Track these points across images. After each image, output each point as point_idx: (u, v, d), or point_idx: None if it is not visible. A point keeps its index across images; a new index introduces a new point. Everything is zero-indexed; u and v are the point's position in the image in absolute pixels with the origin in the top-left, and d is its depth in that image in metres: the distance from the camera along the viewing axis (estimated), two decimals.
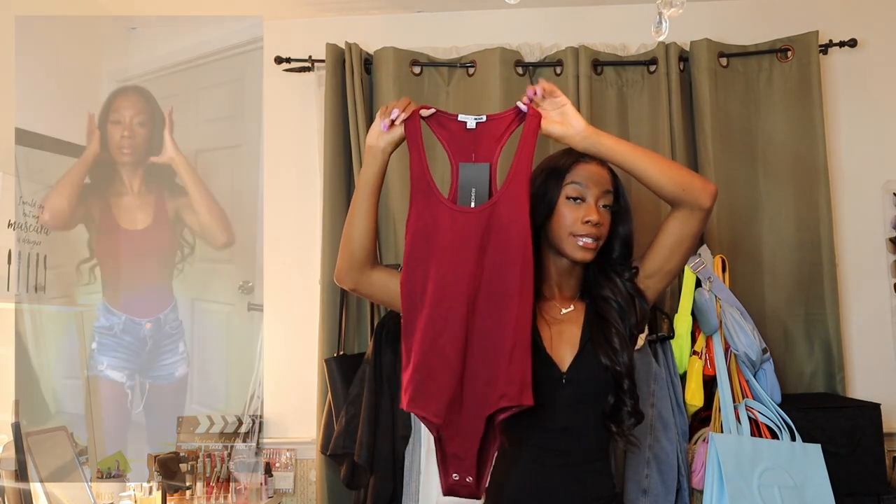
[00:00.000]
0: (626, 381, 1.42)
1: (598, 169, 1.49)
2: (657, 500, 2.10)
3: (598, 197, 1.46)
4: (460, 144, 1.42)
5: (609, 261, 1.50)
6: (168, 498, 2.38)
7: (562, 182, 1.47)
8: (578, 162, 1.48)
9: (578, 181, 1.46)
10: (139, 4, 2.65)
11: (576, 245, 1.44)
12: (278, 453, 2.66)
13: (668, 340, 2.23)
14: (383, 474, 2.17)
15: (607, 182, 1.49)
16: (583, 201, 1.45)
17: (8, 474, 1.96)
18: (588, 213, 1.44)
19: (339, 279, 1.49)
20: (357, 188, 1.48)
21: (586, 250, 1.44)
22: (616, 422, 1.43)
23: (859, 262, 2.62)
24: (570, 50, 2.59)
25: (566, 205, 1.46)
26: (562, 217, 1.45)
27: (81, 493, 2.22)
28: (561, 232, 1.46)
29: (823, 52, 2.61)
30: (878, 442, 2.17)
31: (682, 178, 1.42)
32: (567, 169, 1.48)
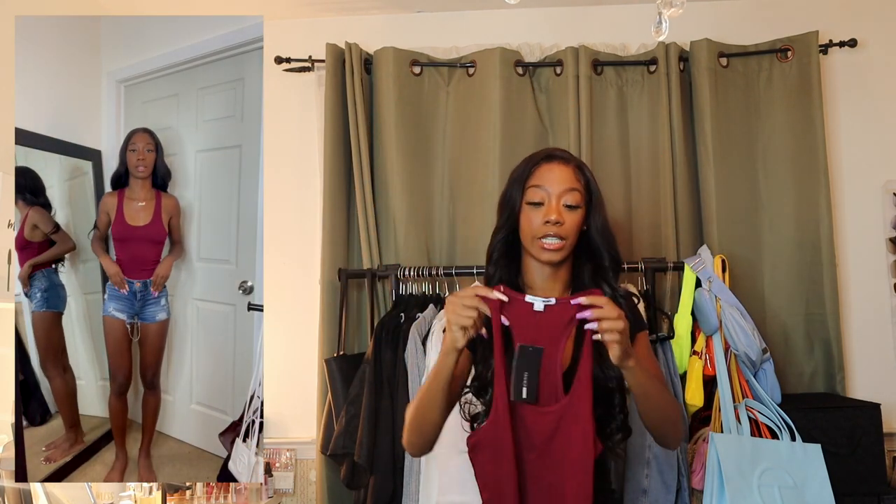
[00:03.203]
0: (616, 396, 1.41)
1: (559, 167, 1.45)
2: (657, 500, 2.10)
3: (560, 195, 1.42)
4: (524, 325, 1.35)
5: (601, 269, 1.49)
6: (168, 498, 2.38)
7: (523, 187, 1.46)
8: (539, 164, 1.46)
9: (538, 184, 1.44)
10: (139, 4, 2.65)
11: (541, 248, 1.42)
12: (278, 453, 2.66)
13: (668, 340, 2.23)
14: (383, 474, 2.17)
15: (570, 179, 1.44)
16: (543, 205, 1.43)
17: (8, 474, 1.96)
18: (548, 213, 1.41)
19: (413, 454, 1.56)
20: (432, 380, 1.40)
21: (551, 251, 1.42)
22: (603, 437, 1.40)
23: (859, 262, 2.62)
24: (570, 50, 2.59)
25: (528, 210, 1.44)
26: (527, 222, 1.44)
27: (81, 493, 2.22)
28: (527, 237, 1.45)
29: (823, 52, 2.61)
30: (878, 442, 2.18)
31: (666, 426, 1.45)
32: (528, 174, 1.46)
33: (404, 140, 2.59)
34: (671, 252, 2.51)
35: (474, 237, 2.56)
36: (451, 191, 2.64)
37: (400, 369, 2.20)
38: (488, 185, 2.53)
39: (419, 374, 2.17)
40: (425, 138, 2.66)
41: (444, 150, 2.67)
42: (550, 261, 1.43)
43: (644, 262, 2.36)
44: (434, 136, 2.67)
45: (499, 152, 2.54)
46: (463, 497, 1.95)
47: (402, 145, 2.59)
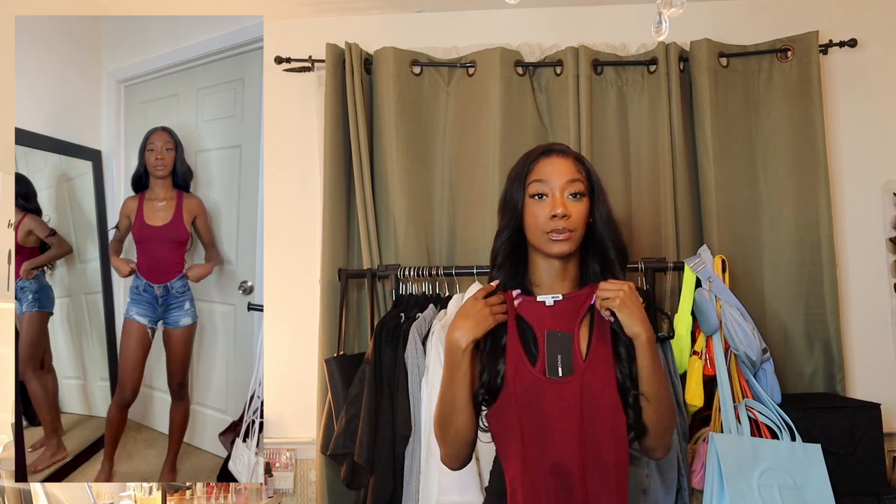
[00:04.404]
0: (631, 393, 1.40)
1: (559, 160, 1.45)
2: (657, 500, 2.10)
3: (563, 187, 1.42)
4: (542, 318, 1.44)
5: (608, 263, 1.48)
6: (168, 498, 2.38)
7: (525, 183, 1.45)
8: (538, 160, 1.46)
9: (539, 178, 1.43)
10: (139, 4, 2.65)
11: (549, 241, 1.41)
12: (278, 453, 2.66)
13: (668, 340, 2.23)
14: (383, 474, 2.17)
15: (571, 171, 1.44)
16: (547, 197, 1.42)
17: (8, 474, 1.96)
18: (553, 206, 1.40)
19: (451, 467, 1.50)
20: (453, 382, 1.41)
21: (561, 242, 1.41)
22: None
23: (859, 262, 2.62)
24: (570, 50, 2.59)
25: (532, 204, 1.43)
26: (532, 217, 1.43)
27: (81, 493, 2.22)
28: (534, 232, 1.43)
29: (823, 52, 2.61)
30: (878, 442, 2.17)
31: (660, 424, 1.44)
32: (528, 169, 1.45)
33: (404, 140, 2.59)
34: (671, 252, 2.51)
35: (474, 237, 2.56)
36: (451, 191, 2.64)
37: (400, 369, 2.20)
38: (488, 185, 2.54)
39: (419, 374, 2.17)
40: (425, 138, 2.66)
41: (444, 150, 2.67)
42: (561, 252, 1.42)
43: (644, 262, 2.35)
44: (434, 136, 2.67)
45: (499, 152, 2.54)
46: (463, 497, 1.95)
47: (402, 145, 2.59)
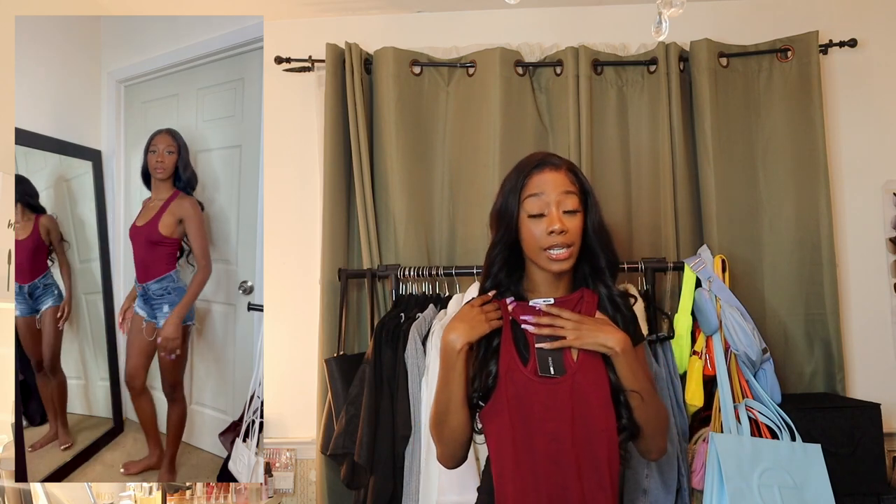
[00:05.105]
0: (623, 394, 1.42)
1: (552, 174, 1.46)
2: (657, 500, 2.10)
3: (558, 202, 1.44)
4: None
5: (597, 270, 1.50)
6: (168, 498, 2.38)
7: (519, 198, 1.46)
8: (531, 174, 1.47)
9: (535, 192, 1.45)
10: (139, 4, 2.65)
11: (548, 259, 1.44)
12: (278, 453, 2.66)
13: (668, 340, 2.23)
14: (383, 474, 2.17)
15: (565, 183, 1.46)
16: (544, 215, 1.44)
17: (8, 474, 1.95)
18: (550, 223, 1.42)
19: (447, 466, 1.52)
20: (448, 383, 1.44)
21: (560, 261, 1.43)
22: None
23: (859, 262, 2.62)
24: (570, 50, 2.59)
25: (529, 222, 1.45)
26: (529, 234, 1.45)
27: (81, 493, 2.22)
28: (532, 249, 1.46)
29: (823, 52, 2.61)
30: (878, 442, 2.17)
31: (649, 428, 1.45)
32: (523, 184, 1.46)
33: (404, 140, 2.59)
34: (671, 252, 2.51)
35: (474, 237, 2.56)
36: (451, 191, 2.64)
37: (400, 369, 2.20)
38: (488, 185, 2.53)
39: (419, 374, 2.17)
40: (425, 138, 2.65)
41: (444, 150, 2.67)
42: (561, 270, 1.45)
43: (644, 262, 2.35)
44: (434, 136, 2.67)
45: (499, 152, 2.54)
46: (463, 497, 1.95)
47: (402, 145, 2.59)
